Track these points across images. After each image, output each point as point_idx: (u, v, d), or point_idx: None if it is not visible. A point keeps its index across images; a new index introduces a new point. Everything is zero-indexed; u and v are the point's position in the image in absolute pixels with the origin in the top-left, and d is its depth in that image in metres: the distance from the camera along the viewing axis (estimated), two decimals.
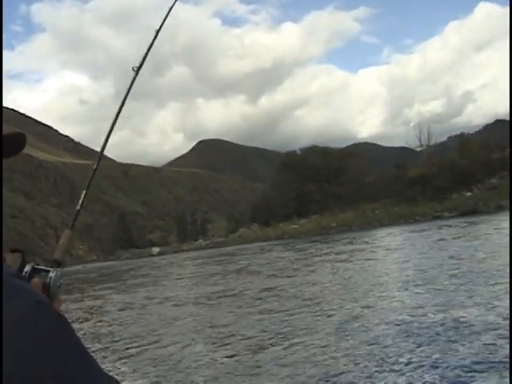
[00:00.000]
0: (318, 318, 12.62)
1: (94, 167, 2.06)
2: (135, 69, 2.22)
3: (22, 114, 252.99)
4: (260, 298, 16.90)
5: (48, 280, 1.53)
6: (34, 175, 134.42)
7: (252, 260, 32.61)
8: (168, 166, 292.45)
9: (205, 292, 20.67)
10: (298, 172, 71.60)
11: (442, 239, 27.39)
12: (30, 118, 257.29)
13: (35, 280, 1.51)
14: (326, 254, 29.42)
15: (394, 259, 22.77)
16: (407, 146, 73.41)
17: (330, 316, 12.61)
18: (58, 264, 1.69)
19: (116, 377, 1.12)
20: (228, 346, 11.16)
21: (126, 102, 2.20)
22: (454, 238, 26.81)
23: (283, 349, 10.30)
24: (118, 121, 2.14)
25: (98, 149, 2.04)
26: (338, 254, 28.47)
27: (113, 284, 29.86)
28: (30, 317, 0.97)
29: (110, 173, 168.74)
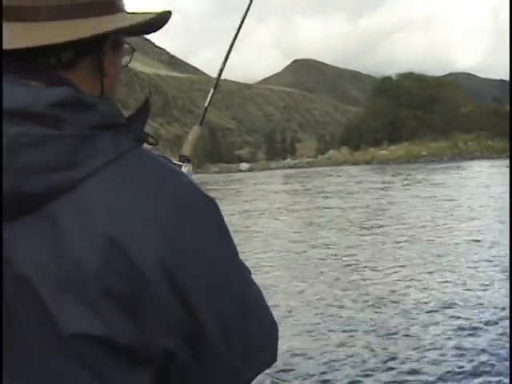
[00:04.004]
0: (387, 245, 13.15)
1: (214, 85, 1.91)
2: None
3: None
4: (332, 219, 17.50)
5: None
6: (130, 85, 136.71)
7: (338, 183, 32.91)
8: (260, 83, 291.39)
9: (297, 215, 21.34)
10: (392, 97, 70.84)
11: None
12: None
13: None
14: (414, 182, 29.47)
15: (484, 195, 22.57)
16: (507, 79, 70.95)
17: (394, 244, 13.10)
18: (186, 160, 1.75)
19: None
20: (289, 254, 11.93)
21: (227, 16, 1.98)
22: None
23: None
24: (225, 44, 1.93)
25: (192, 63, 1.85)
26: (426, 184, 28.46)
27: None
28: (191, 194, 0.93)
29: (203, 86, 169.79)
